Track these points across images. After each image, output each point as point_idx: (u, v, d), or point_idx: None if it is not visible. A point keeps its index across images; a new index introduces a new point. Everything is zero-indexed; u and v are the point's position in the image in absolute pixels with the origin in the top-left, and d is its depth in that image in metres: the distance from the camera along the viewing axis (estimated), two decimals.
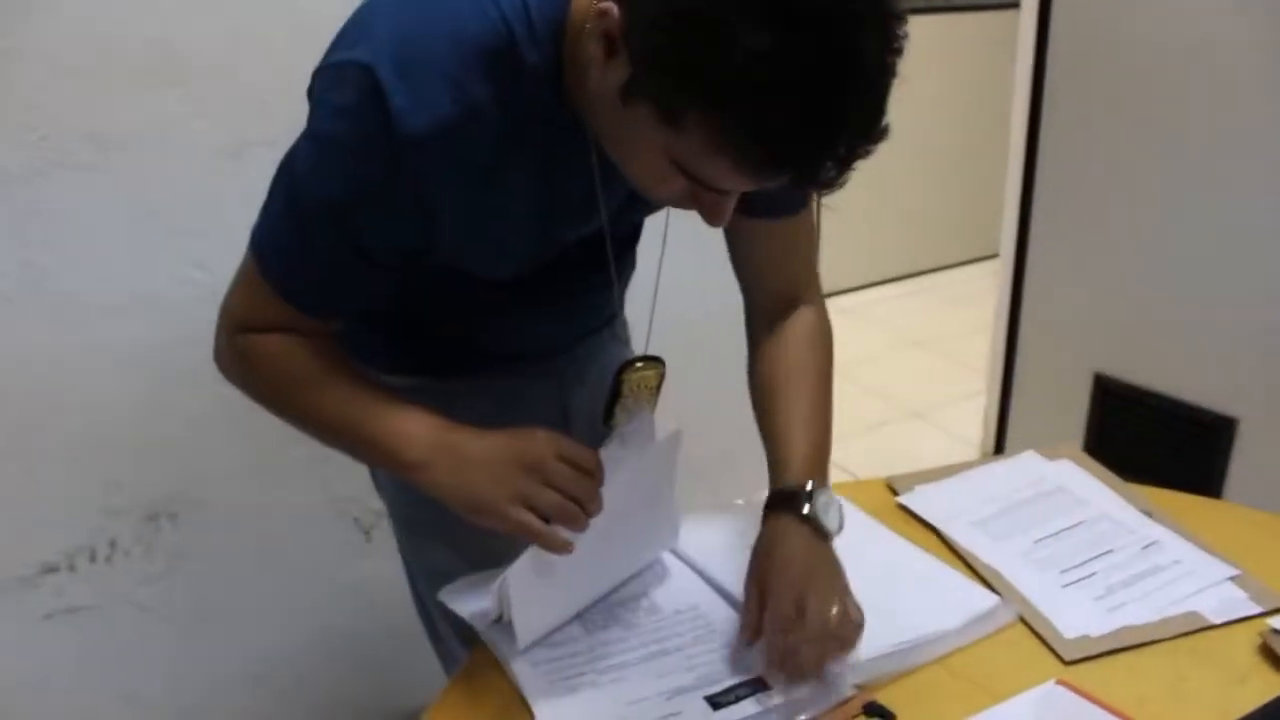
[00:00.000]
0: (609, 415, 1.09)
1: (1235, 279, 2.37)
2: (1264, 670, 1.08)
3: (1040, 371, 2.84)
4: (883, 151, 0.82)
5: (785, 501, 1.11)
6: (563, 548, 0.97)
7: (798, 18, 0.74)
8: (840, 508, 1.11)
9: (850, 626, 1.03)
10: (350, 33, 0.96)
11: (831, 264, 4.17)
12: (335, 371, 1.06)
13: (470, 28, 0.91)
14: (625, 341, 1.43)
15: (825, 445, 1.18)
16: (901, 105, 0.82)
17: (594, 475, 0.99)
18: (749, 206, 1.13)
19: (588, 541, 0.99)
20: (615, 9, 0.82)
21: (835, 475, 1.20)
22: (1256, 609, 1.15)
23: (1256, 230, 2.31)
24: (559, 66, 0.95)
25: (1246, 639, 1.12)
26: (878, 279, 4.48)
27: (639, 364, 1.08)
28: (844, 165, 0.81)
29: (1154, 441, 2.60)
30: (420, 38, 0.91)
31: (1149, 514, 1.31)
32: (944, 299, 4.39)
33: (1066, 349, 2.74)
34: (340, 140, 0.94)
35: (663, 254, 1.16)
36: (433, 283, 1.12)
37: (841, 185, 0.83)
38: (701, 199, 0.91)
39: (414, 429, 1.02)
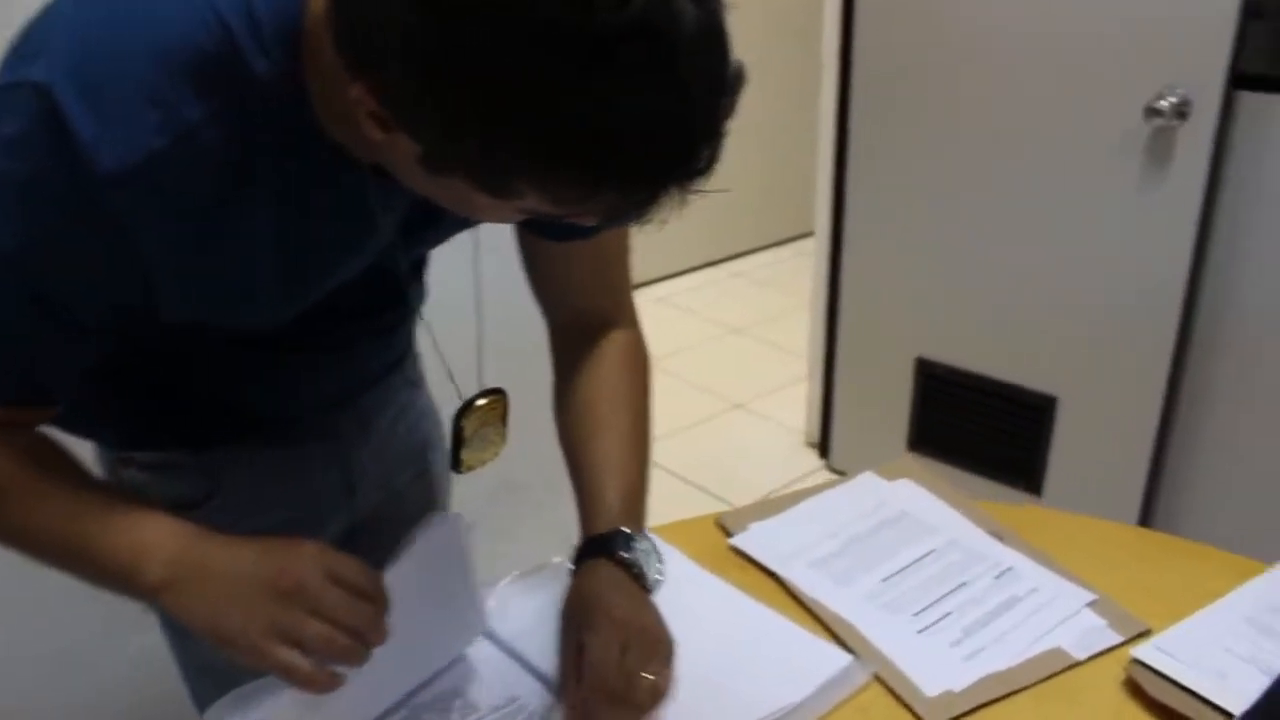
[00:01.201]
0: (456, 463, 0.98)
1: (1050, 261, 2.36)
2: (1132, 708, 1.00)
3: (862, 356, 2.78)
4: None
5: (599, 548, 0.98)
6: (331, 687, 0.80)
7: (620, 62, 0.60)
8: (659, 558, 1.00)
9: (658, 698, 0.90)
10: (24, 43, 0.76)
11: (641, 253, 4.06)
12: (51, 475, 0.86)
13: (176, 30, 0.73)
14: (417, 383, 1.26)
15: (641, 487, 1.06)
16: None
17: (375, 600, 0.81)
18: (544, 227, 0.99)
19: (374, 657, 0.82)
20: (365, 91, 0.66)
21: (657, 478, 1.07)
22: (1117, 638, 1.07)
23: (1071, 212, 2.29)
24: (299, 78, 0.77)
25: (1111, 673, 1.04)
26: (688, 265, 4.39)
27: (479, 401, 0.96)
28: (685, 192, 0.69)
29: (978, 422, 2.58)
30: (110, 46, 0.73)
31: (999, 536, 1.22)
32: (757, 282, 4.34)
33: (888, 332, 2.69)
34: (13, 180, 0.73)
35: (477, 276, 1.01)
36: (174, 339, 0.93)
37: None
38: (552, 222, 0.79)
39: (153, 538, 0.83)
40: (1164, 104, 2.09)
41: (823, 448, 2.99)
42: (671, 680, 0.91)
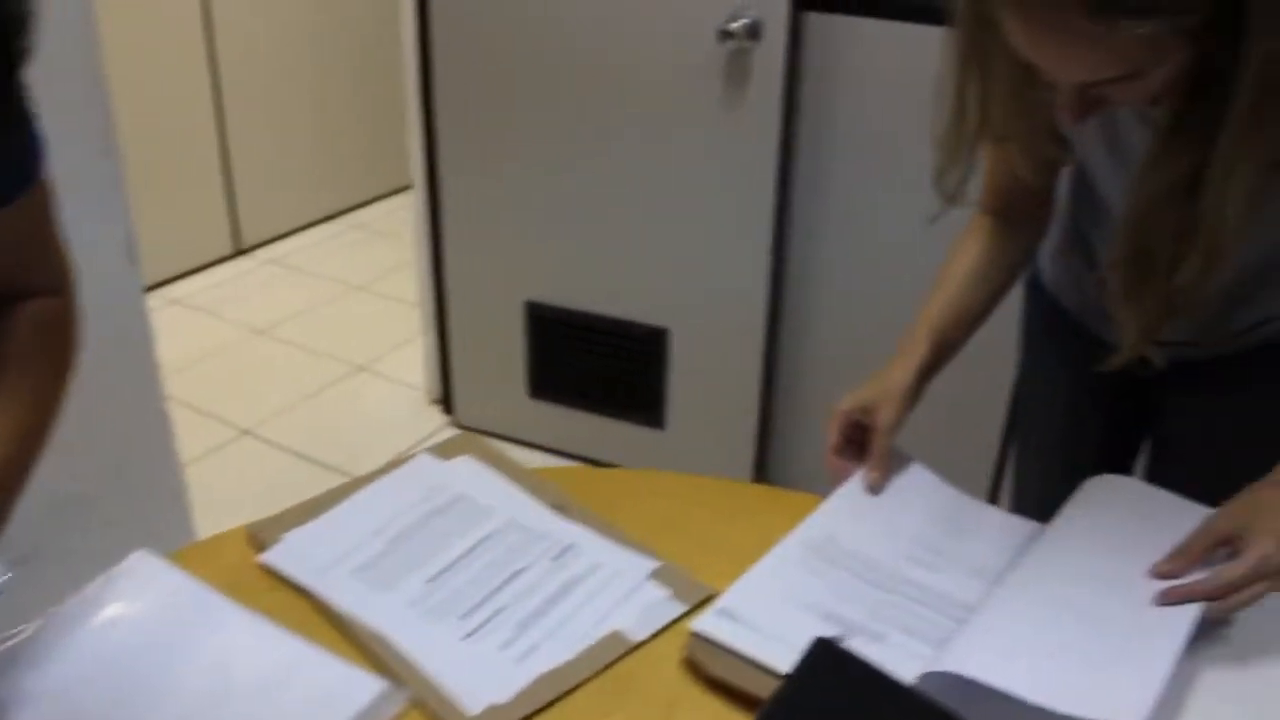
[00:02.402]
0: None
1: (644, 193, 2.30)
2: (693, 692, 0.91)
3: (472, 306, 2.65)
4: (276, 89, 0.51)
5: None
6: None
7: None
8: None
9: None
10: None
11: (246, 216, 3.76)
12: None
13: None
14: None
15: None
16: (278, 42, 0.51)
17: None
18: None
19: None
20: None
21: (273, 459, 0.88)
22: (679, 608, 1.00)
23: (659, 143, 2.23)
24: None
25: (671, 653, 0.95)
26: (305, 221, 4.09)
27: None
28: None
29: (594, 362, 2.52)
30: None
31: (562, 509, 1.12)
32: (380, 234, 4.11)
33: (495, 280, 2.57)
34: None
35: None
36: None
37: None
38: None
39: None
40: (736, 26, 2.06)
41: (446, 404, 2.84)
42: None
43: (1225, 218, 0.84)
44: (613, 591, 1.01)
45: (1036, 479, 1.42)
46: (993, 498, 2.18)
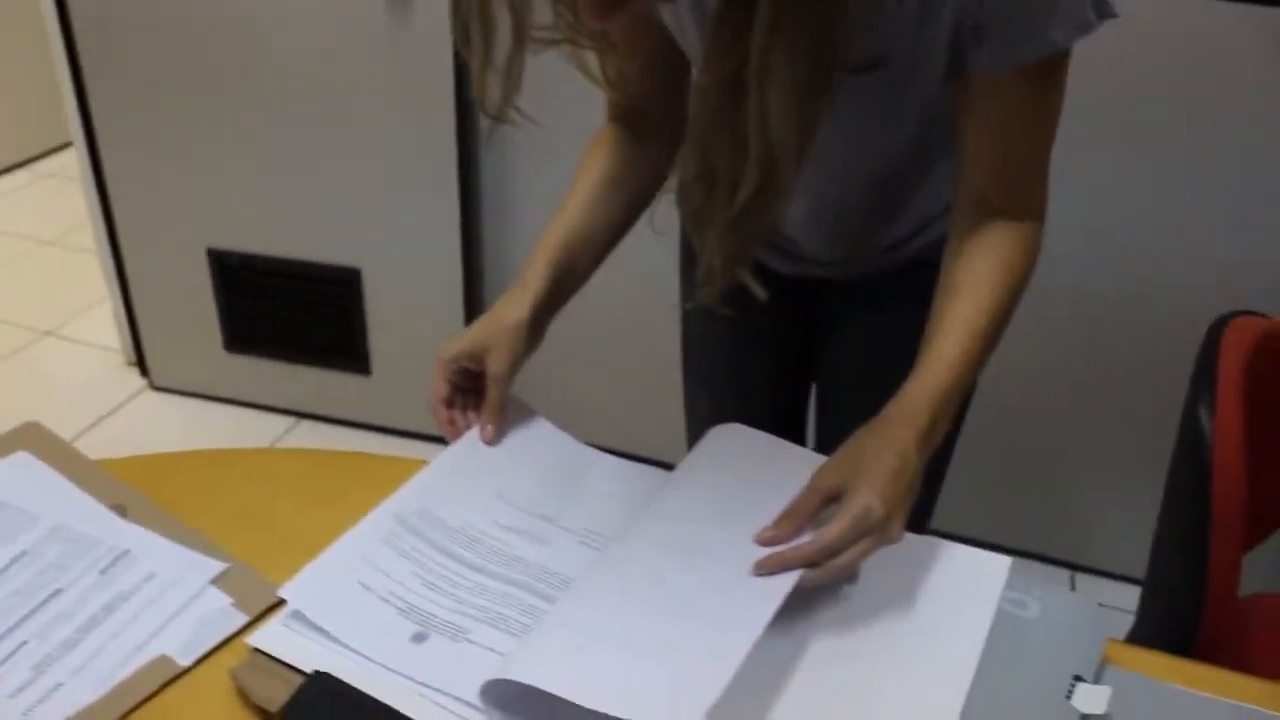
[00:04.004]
0: None
1: (316, 126, 2.10)
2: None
3: (152, 257, 2.40)
4: None
5: None
6: None
7: None
8: None
9: None
10: None
11: None
12: None
13: None
14: None
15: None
16: None
17: None
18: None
19: None
20: None
21: None
22: (239, 620, 0.86)
23: (318, 71, 2.03)
24: None
25: (223, 676, 0.81)
26: None
27: None
28: None
29: (288, 309, 2.33)
30: None
31: (122, 510, 0.96)
32: (62, 184, 3.72)
33: (175, 230, 2.33)
34: None
35: None
36: None
37: None
38: None
39: None
40: None
41: (142, 365, 2.60)
42: None
43: (770, 127, 0.74)
44: (165, 606, 0.87)
45: (707, 415, 1.34)
46: None
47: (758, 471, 0.92)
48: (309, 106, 2.08)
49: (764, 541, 0.82)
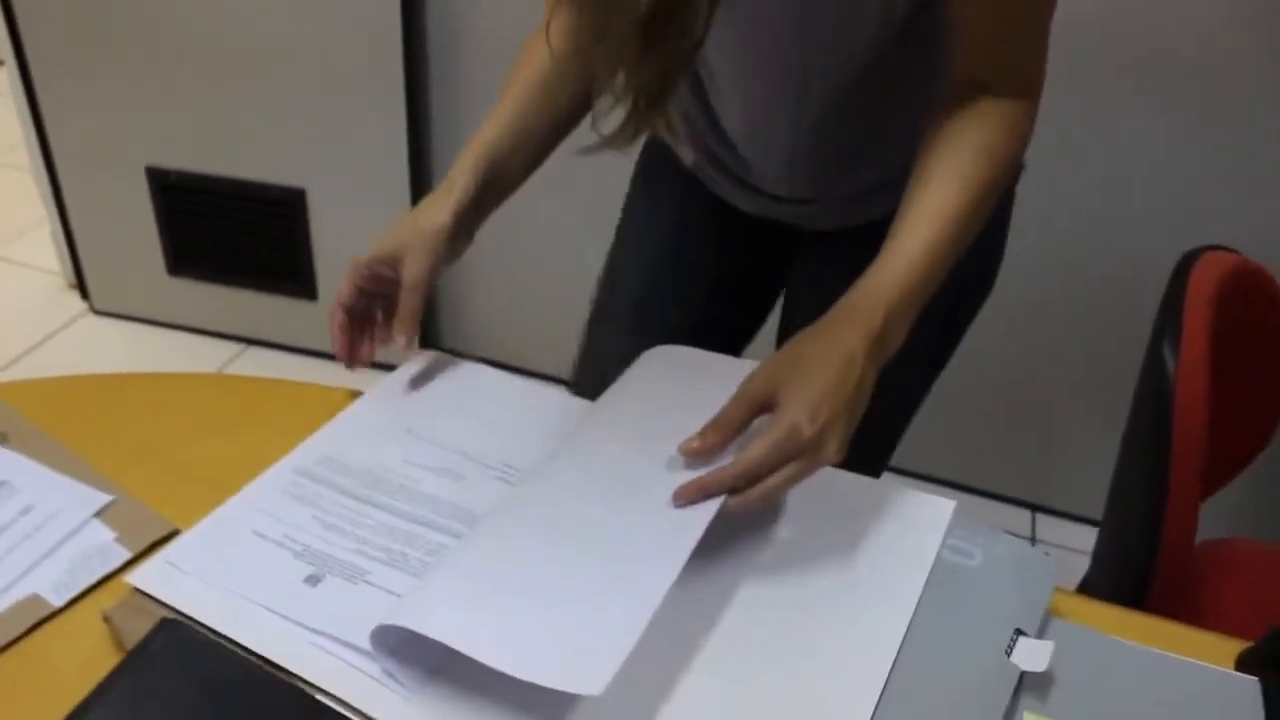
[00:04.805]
0: None
1: (253, 41, 1.99)
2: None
3: (88, 176, 2.30)
4: None
5: None
6: None
7: None
8: None
9: None
10: None
11: None
12: None
13: None
14: None
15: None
16: None
17: None
18: None
19: None
20: None
21: None
22: (121, 556, 0.79)
23: None
24: None
25: (98, 620, 0.75)
26: None
27: None
28: None
29: (231, 226, 2.24)
30: None
31: (4, 436, 0.89)
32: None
33: (107, 146, 2.23)
34: None
35: None
36: None
37: None
38: None
39: None
40: None
41: (83, 288, 2.50)
42: None
43: None
44: (42, 541, 0.80)
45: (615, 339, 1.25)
46: None
47: (690, 388, 0.84)
48: (251, 18, 1.97)
49: (686, 453, 0.74)
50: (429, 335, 2.24)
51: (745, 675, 0.69)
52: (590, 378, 1.15)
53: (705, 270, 1.17)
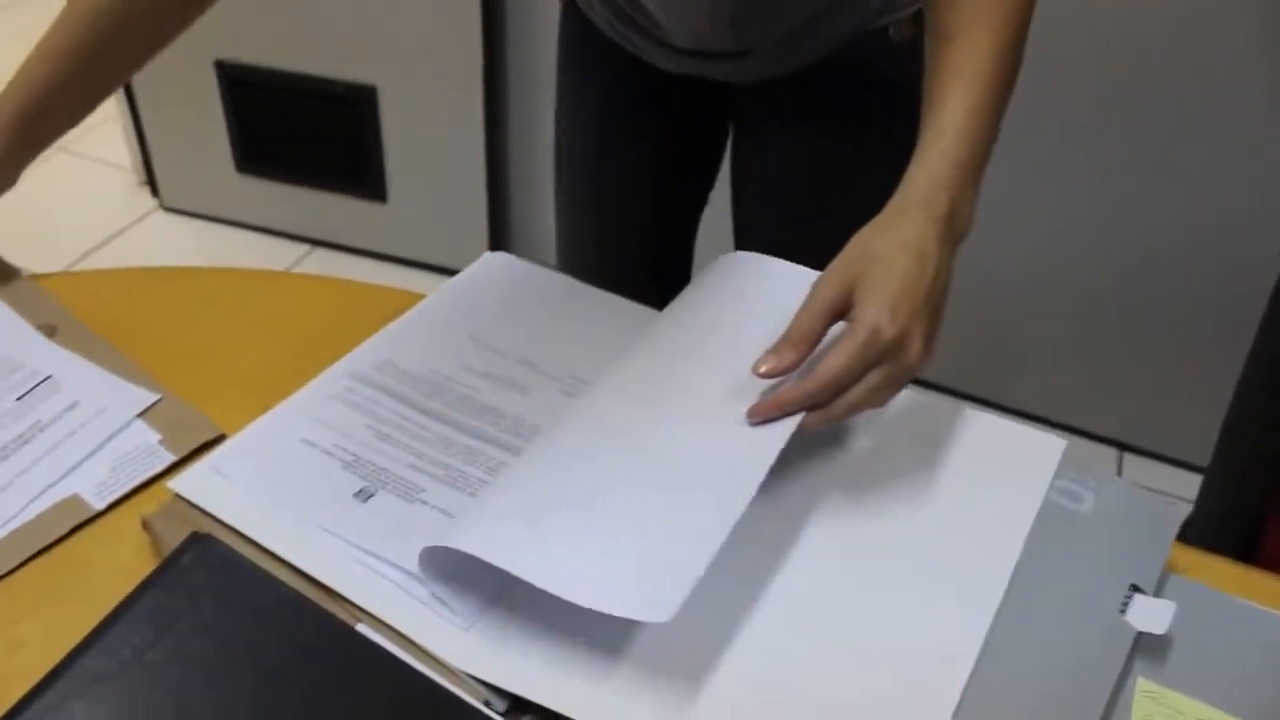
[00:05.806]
0: None
1: None
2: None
3: (160, 72, 2.24)
4: None
5: None
6: None
7: None
8: None
9: None
10: None
11: None
12: None
13: None
14: None
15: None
16: None
17: None
18: None
19: None
20: None
21: None
22: (165, 460, 0.75)
23: None
24: None
25: (137, 525, 0.70)
26: None
27: None
28: None
29: (301, 123, 2.18)
30: None
31: (51, 330, 0.85)
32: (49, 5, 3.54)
33: (178, 42, 2.16)
34: None
35: None
36: None
37: None
38: None
39: None
40: None
41: (154, 185, 2.48)
42: None
43: None
44: (85, 440, 0.76)
45: (579, 226, 1.22)
46: None
47: (763, 298, 0.77)
48: None
49: (760, 374, 0.67)
50: (500, 240, 2.18)
51: (820, 620, 0.63)
52: (572, 260, 1.21)
53: (648, 149, 1.13)
